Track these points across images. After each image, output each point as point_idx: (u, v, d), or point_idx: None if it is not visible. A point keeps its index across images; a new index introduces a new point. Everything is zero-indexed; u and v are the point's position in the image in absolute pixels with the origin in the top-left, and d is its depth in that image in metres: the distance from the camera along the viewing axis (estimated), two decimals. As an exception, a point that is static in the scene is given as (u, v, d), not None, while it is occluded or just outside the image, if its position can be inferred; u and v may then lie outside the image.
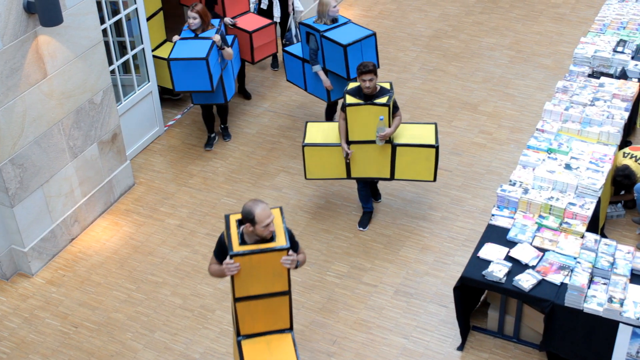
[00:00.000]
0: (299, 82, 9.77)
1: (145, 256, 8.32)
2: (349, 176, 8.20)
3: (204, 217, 8.77)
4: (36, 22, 7.38)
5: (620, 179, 8.02)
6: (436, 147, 7.94)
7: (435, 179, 8.15)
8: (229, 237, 5.78)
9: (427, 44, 11.73)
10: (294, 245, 5.92)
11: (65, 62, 7.86)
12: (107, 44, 8.72)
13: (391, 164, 8.09)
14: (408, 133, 8.13)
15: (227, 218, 5.91)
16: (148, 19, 9.44)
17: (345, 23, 9.13)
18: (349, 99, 7.85)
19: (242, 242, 5.77)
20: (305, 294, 7.77)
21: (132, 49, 9.24)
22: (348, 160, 8.06)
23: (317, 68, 9.17)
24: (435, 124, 8.22)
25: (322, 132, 8.26)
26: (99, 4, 8.42)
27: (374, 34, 8.90)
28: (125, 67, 9.31)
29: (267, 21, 10.03)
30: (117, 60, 9.04)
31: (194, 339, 7.40)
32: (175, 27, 10.52)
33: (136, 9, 9.11)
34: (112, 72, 8.90)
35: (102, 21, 8.57)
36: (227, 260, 5.68)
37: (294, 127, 10.07)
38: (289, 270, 5.83)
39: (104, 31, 8.61)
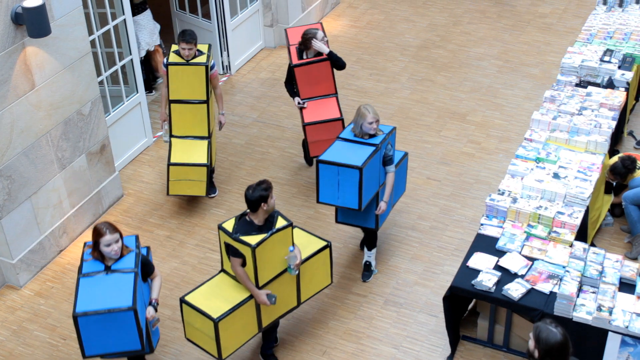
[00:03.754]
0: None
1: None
2: (260, 329, 6.79)
3: (193, 228, 8.75)
4: (24, 33, 7.36)
5: (628, 163, 8.05)
6: (329, 245, 7.02)
7: (332, 280, 7.29)
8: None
9: (416, 54, 11.77)
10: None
11: (53, 73, 7.84)
12: (95, 55, 8.71)
13: (297, 288, 6.93)
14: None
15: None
16: (175, 101, 8.50)
17: (369, 144, 7.34)
18: (249, 240, 6.35)
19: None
20: (294, 304, 7.76)
21: (120, 60, 9.23)
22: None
23: None
24: (292, 227, 6.70)
25: (216, 293, 6.65)
26: (87, 15, 8.42)
27: (359, 169, 7.05)
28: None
29: (336, 114, 8.62)
30: (105, 71, 9.03)
31: (183, 350, 7.36)
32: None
33: (124, 19, 9.11)
34: (101, 83, 8.88)
35: (91, 32, 8.56)
36: None
37: (283, 138, 10.08)
38: None
39: (92, 42, 8.60)
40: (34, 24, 7.13)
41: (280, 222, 6.53)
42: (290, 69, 8.71)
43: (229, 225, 6.51)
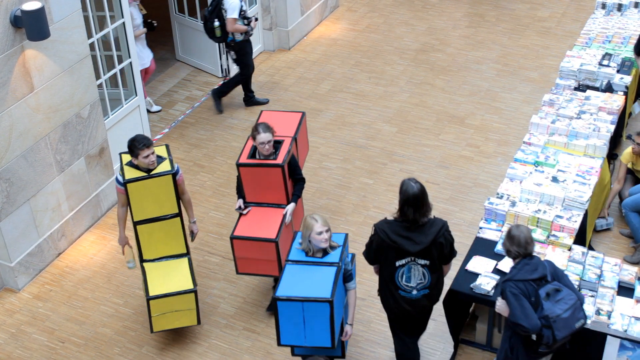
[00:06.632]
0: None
1: (133, 270, 8.28)
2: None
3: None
4: (23, 36, 7.36)
5: None
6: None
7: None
8: None
9: (414, 57, 11.78)
10: None
11: (52, 76, 7.84)
12: (94, 58, 8.71)
13: None
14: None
15: None
16: (141, 222, 7.19)
17: (327, 263, 6.17)
18: None
19: None
20: (293, 307, 7.74)
21: (119, 63, 9.23)
22: None
23: None
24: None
25: None
26: (86, 18, 8.41)
27: (329, 302, 5.87)
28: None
29: (272, 234, 7.09)
30: (104, 74, 9.03)
31: (182, 354, 7.36)
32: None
33: (123, 23, 9.10)
34: (100, 86, 8.88)
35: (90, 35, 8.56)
36: None
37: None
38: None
39: (92, 45, 8.60)
40: (33, 26, 7.13)
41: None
42: None
43: None
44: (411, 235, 6.07)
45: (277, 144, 7.32)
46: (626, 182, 8.42)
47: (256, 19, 10.02)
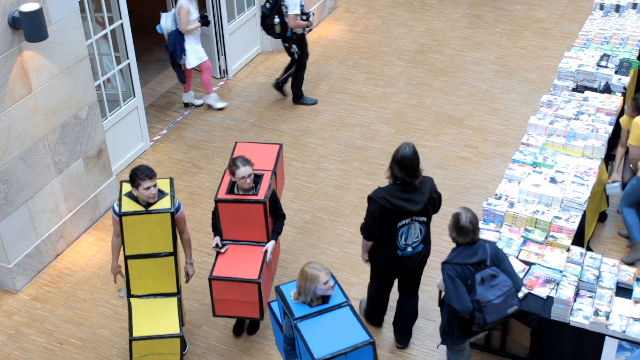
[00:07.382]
0: None
1: (131, 272, 8.28)
2: None
3: (189, 232, 8.72)
4: (21, 37, 7.36)
5: None
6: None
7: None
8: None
9: (413, 58, 11.78)
10: None
11: (50, 77, 7.84)
12: (92, 59, 8.71)
13: None
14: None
15: None
16: (133, 257, 6.74)
17: (338, 306, 5.80)
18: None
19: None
20: (292, 308, 7.74)
21: (117, 64, 9.23)
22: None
23: None
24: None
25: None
26: (84, 19, 8.41)
27: (372, 343, 5.57)
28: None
29: (253, 274, 6.84)
30: (102, 75, 9.02)
31: (180, 355, 7.36)
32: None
33: (122, 24, 9.10)
34: (98, 87, 8.88)
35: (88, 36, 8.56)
36: None
37: (280, 142, 10.07)
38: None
39: (90, 46, 8.60)
40: (31, 28, 7.13)
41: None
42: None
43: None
44: (410, 196, 6.49)
45: (257, 178, 7.06)
46: (626, 164, 8.32)
47: (313, 14, 10.31)
